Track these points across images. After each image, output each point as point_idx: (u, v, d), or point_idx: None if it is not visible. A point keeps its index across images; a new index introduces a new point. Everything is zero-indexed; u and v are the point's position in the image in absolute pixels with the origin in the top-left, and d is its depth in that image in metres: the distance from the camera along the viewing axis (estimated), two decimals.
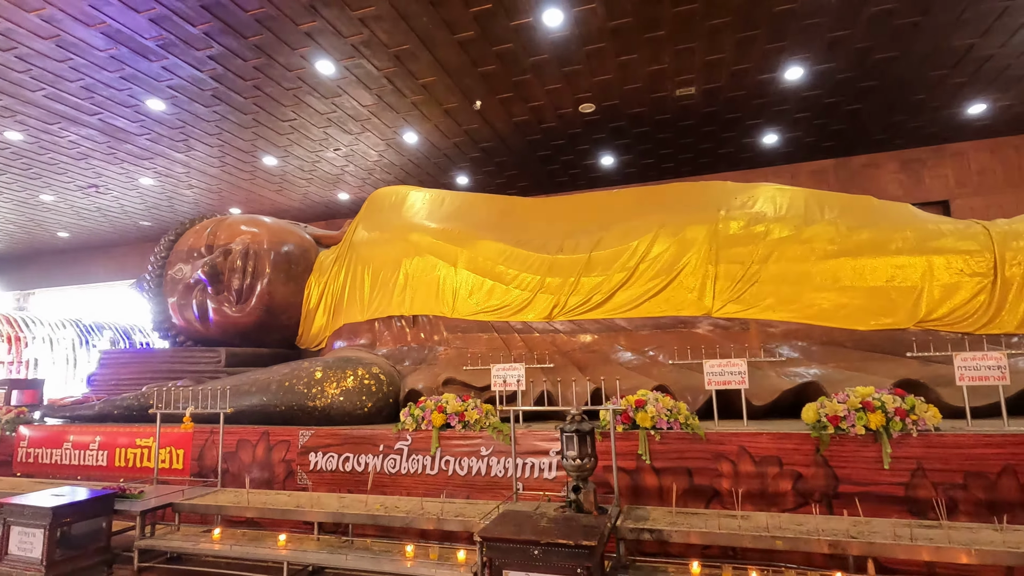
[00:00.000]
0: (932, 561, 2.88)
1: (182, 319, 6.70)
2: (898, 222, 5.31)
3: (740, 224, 5.40)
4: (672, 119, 7.76)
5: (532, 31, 5.70)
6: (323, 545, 3.19)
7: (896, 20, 5.64)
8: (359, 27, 5.52)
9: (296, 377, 5.11)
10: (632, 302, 5.40)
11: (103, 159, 8.66)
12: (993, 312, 4.68)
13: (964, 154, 8.96)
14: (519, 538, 2.25)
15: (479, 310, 5.83)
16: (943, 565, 2.94)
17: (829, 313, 4.99)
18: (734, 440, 3.69)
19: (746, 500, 3.56)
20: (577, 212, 6.61)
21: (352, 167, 9.30)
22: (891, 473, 3.38)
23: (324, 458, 4.55)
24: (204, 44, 5.73)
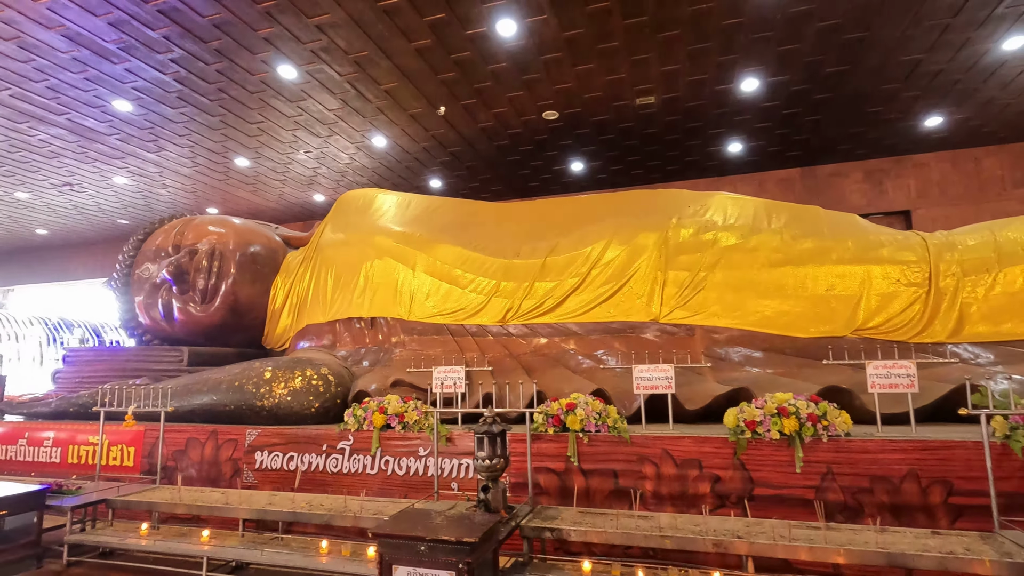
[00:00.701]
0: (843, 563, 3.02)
1: (148, 318, 6.77)
2: (841, 232, 5.45)
3: (689, 232, 5.53)
4: (636, 127, 7.89)
5: (488, 40, 5.81)
6: (245, 541, 3.28)
7: (842, 35, 5.79)
8: (317, 33, 5.62)
9: (246, 377, 5.19)
10: (583, 307, 5.52)
11: (75, 158, 8.73)
12: (926, 322, 4.82)
13: (926, 165, 9.13)
14: (407, 534, 2.35)
15: (435, 313, 5.93)
16: (850, 567, 3.06)
17: (771, 320, 5.11)
18: (658, 443, 3.81)
19: (667, 501, 3.69)
20: (539, 217, 6.73)
21: (324, 169, 9.40)
22: (803, 476, 3.50)
23: (269, 457, 4.64)
24: (164, 48, 5.82)
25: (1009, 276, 4.76)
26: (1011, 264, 4.78)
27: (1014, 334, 4.66)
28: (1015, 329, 4.67)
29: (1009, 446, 3.25)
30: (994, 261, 4.84)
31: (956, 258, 4.92)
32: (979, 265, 4.86)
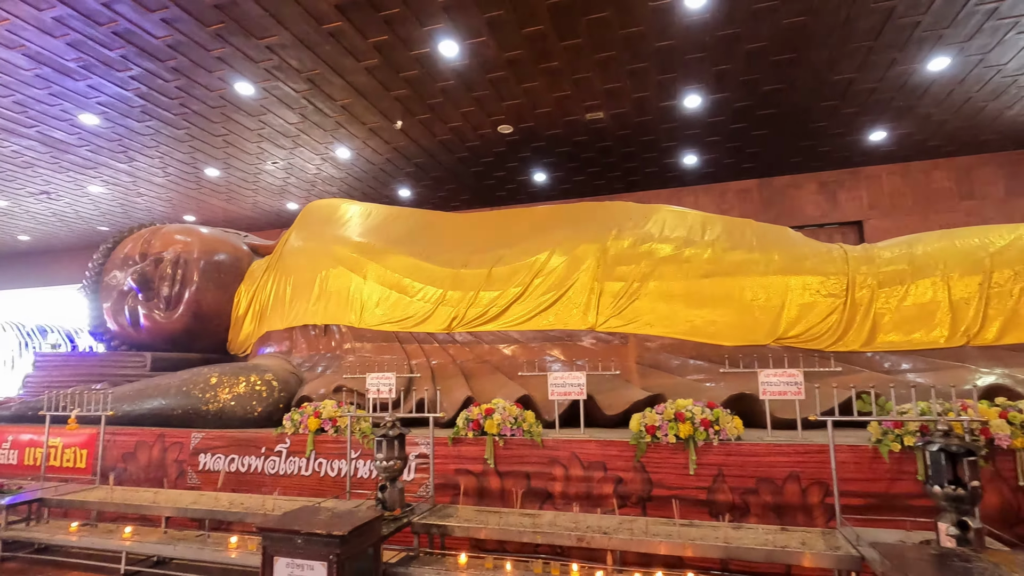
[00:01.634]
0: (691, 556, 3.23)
1: (116, 324, 6.99)
2: (770, 245, 5.68)
3: (627, 244, 5.76)
4: (590, 141, 8.15)
5: (433, 60, 6.07)
6: (165, 538, 3.51)
7: (771, 57, 6.05)
8: (268, 53, 5.88)
9: (193, 383, 5.42)
10: (525, 315, 5.74)
11: (48, 168, 8.97)
12: (842, 331, 5.05)
13: (878, 177, 9.39)
14: (285, 528, 2.58)
15: (384, 321, 6.15)
16: (700, 559, 3.27)
17: (700, 329, 5.33)
18: (567, 447, 4.04)
19: (574, 501, 3.90)
20: (492, 228, 6.97)
21: (294, 179, 9.65)
22: (696, 478, 3.74)
23: (212, 459, 4.86)
24: (123, 66, 6.07)
25: (920, 288, 4.99)
26: (923, 277, 5.00)
27: (924, 342, 4.89)
28: (924, 338, 4.90)
29: (879, 450, 3.48)
30: (908, 274, 5.06)
31: (872, 271, 5.15)
32: (893, 277, 5.08)
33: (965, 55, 6.05)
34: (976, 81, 6.59)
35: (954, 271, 4.92)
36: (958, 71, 6.36)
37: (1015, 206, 8.74)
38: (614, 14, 5.30)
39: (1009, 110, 7.34)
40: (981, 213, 8.82)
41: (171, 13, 5.18)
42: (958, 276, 4.89)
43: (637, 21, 5.41)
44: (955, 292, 4.86)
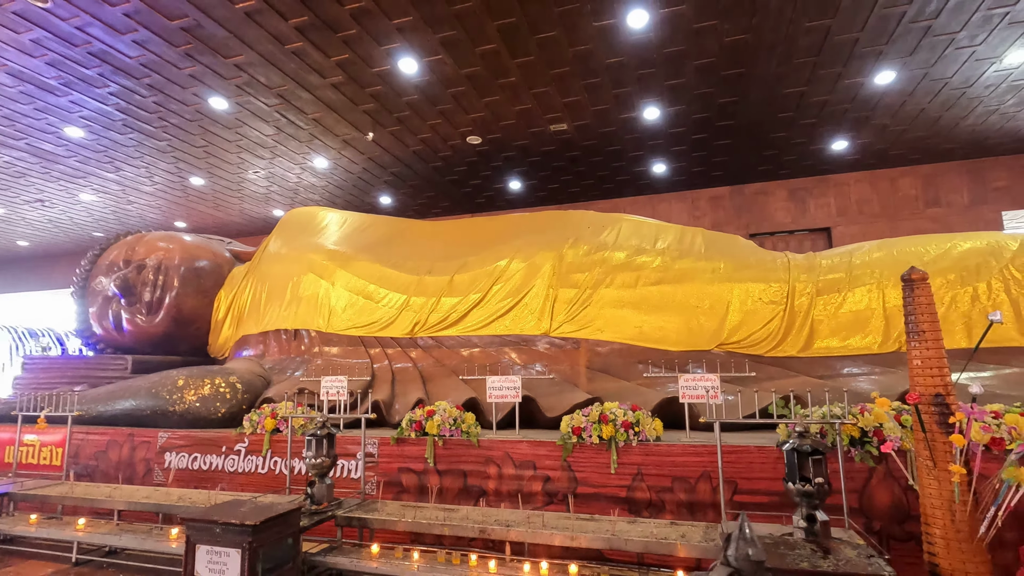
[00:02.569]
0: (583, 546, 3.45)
1: (101, 328, 7.31)
2: (718, 253, 5.89)
3: (582, 252, 6.00)
4: (558, 151, 8.40)
5: (395, 76, 6.34)
6: (116, 529, 3.78)
7: (720, 72, 6.28)
8: (236, 71, 6.17)
9: (161, 385, 5.70)
10: (484, 320, 5.98)
11: (40, 177, 9.33)
12: (781, 337, 5.26)
13: (846, 184, 9.57)
14: (205, 519, 2.84)
15: (350, 326, 6.42)
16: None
17: (647, 334, 5.56)
18: (501, 447, 4.28)
19: (506, 498, 4.15)
20: (459, 236, 7.23)
21: (276, 187, 9.95)
22: (618, 477, 3.97)
23: (177, 457, 5.14)
24: (101, 83, 6.38)
25: (856, 295, 5.19)
26: (859, 285, 5.21)
27: (858, 348, 5.09)
28: (858, 343, 5.10)
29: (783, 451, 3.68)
30: (845, 282, 5.27)
31: (811, 279, 5.35)
32: (831, 286, 5.29)
33: (909, 69, 6.24)
34: (926, 93, 6.77)
35: (889, 280, 5.11)
36: (905, 84, 6.56)
37: (979, 213, 8.89)
38: (561, 33, 5.55)
39: (964, 120, 7.52)
40: (946, 220, 8.97)
41: (141, 35, 5.48)
42: (892, 285, 5.08)
43: (584, 40, 5.65)
44: (889, 300, 5.05)
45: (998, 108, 7.17)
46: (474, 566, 2.96)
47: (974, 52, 5.90)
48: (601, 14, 5.26)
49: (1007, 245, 5.06)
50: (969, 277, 4.95)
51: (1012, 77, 6.40)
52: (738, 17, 5.31)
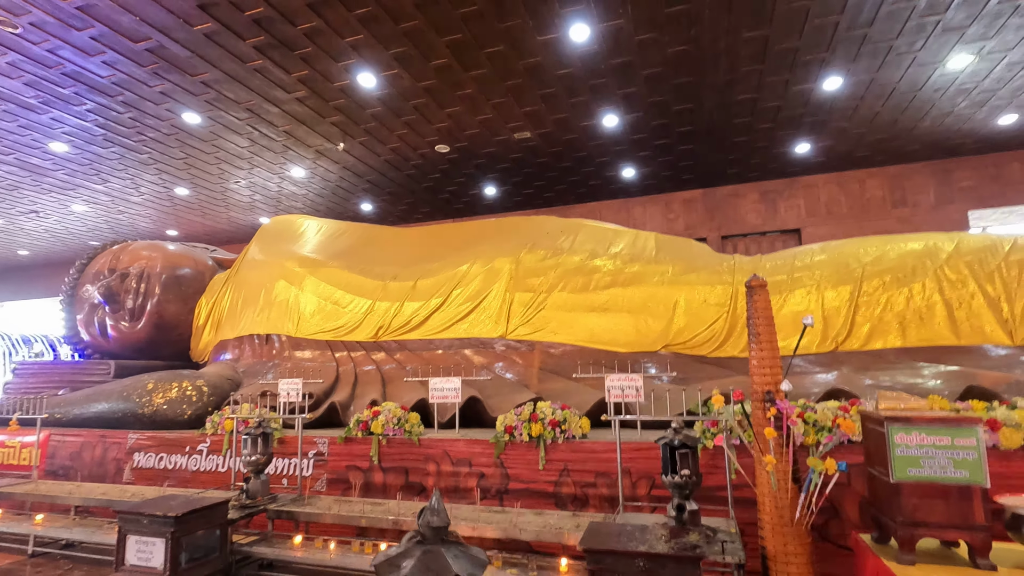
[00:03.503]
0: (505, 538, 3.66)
1: (88, 334, 7.64)
2: (669, 257, 6.07)
3: (538, 257, 6.21)
4: (526, 158, 8.61)
5: (356, 90, 6.60)
6: (71, 523, 4.05)
7: (671, 81, 6.46)
8: (204, 88, 6.46)
9: (132, 388, 5.99)
10: (444, 324, 6.21)
11: (32, 190, 9.69)
12: (724, 338, 5.43)
13: (815, 186, 9.70)
14: (134, 511, 3.09)
15: (318, 330, 6.68)
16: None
17: (597, 336, 5.76)
18: (440, 445, 4.51)
19: (445, 494, 4.37)
20: (426, 242, 7.48)
21: (259, 196, 10.26)
22: (546, 473, 4.18)
23: (145, 457, 5.42)
24: (78, 101, 6.70)
25: (796, 297, 5.36)
26: (799, 287, 5.37)
27: (805, 348, 5.22)
28: (806, 344, 5.22)
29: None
30: (787, 284, 5.44)
31: None
32: (773, 288, 5.44)
33: (855, 75, 6.40)
34: (877, 97, 6.92)
35: (828, 281, 5.28)
36: (854, 89, 6.71)
37: (945, 213, 8.99)
38: (508, 48, 5.77)
39: (921, 122, 7.64)
40: (912, 220, 9.08)
41: (109, 56, 5.77)
42: (831, 286, 5.25)
43: (532, 53, 5.87)
44: (827, 301, 5.22)
45: (952, 111, 7.29)
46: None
47: (915, 58, 6.05)
48: (543, 29, 5.48)
49: (943, 247, 5.21)
50: (905, 278, 5.09)
51: (959, 81, 6.53)
52: (676, 30, 5.50)
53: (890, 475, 1.98)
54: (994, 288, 4.84)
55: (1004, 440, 3.36)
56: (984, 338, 4.76)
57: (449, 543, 1.80)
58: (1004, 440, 3.36)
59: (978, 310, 4.80)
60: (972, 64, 6.16)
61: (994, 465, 3.39)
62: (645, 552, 2.22)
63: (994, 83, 6.58)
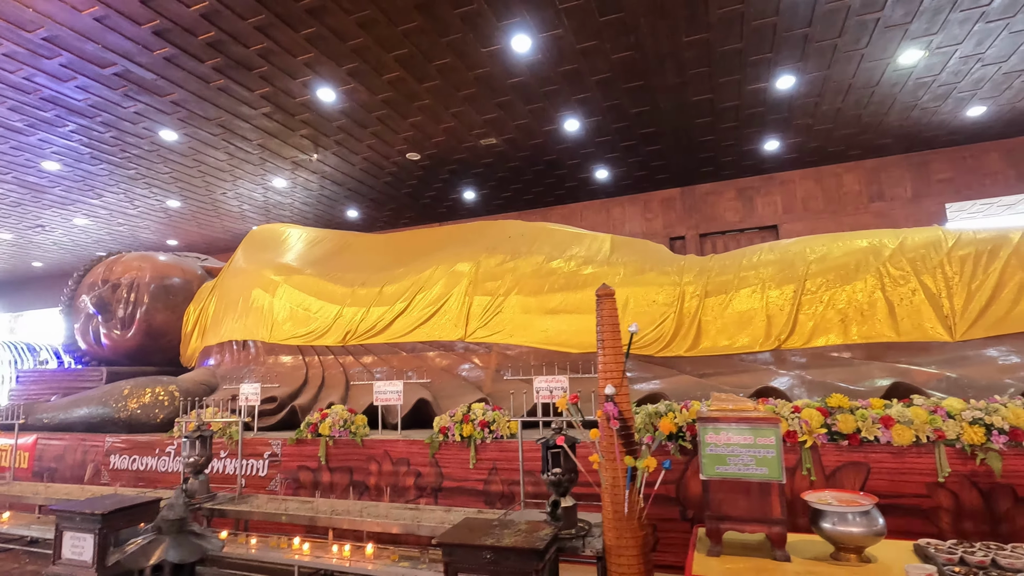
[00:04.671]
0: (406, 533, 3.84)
1: (84, 342, 8.07)
2: (623, 258, 6.19)
3: (496, 261, 6.39)
4: (496, 162, 8.78)
5: (319, 105, 6.85)
6: (34, 521, 4.38)
7: (622, 85, 6.57)
8: (174, 107, 6.78)
9: (110, 394, 6.35)
10: (407, 328, 6.44)
11: (33, 206, 10.21)
12: (670, 338, 5.55)
13: (792, 182, 9.67)
14: (68, 510, 3.37)
15: (290, 336, 6.96)
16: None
17: (551, 338, 5.92)
18: (381, 446, 4.73)
19: (385, 492, 4.59)
20: (398, 247, 7.72)
21: (247, 206, 10.62)
22: (476, 471, 4.37)
23: (119, 459, 5.76)
24: (61, 123, 7.09)
25: (741, 296, 5.45)
26: (745, 286, 5.46)
27: (740, 347, 5.33)
28: (739, 343, 5.34)
29: None
30: (733, 283, 5.53)
31: (702, 281, 5.62)
32: (720, 288, 5.55)
33: (807, 74, 6.42)
34: (835, 93, 6.92)
35: (772, 280, 5.36)
36: (810, 87, 6.73)
37: (922, 206, 8.90)
38: (456, 60, 5.95)
39: (886, 116, 7.60)
40: (889, 214, 9.00)
41: (80, 81, 6.12)
42: (775, 285, 5.33)
43: (479, 64, 6.04)
44: (771, 299, 5.30)
45: (916, 104, 7.24)
46: (295, 548, 3.40)
47: (863, 55, 6.05)
48: (486, 41, 5.64)
49: (888, 244, 5.24)
50: (848, 276, 5.15)
51: (915, 75, 6.51)
52: (615, 37, 5.62)
53: (700, 472, 2.11)
54: (935, 284, 4.86)
55: (896, 437, 3.45)
56: (924, 334, 4.79)
57: (187, 533, 2.06)
58: (896, 437, 3.45)
59: (919, 306, 4.83)
60: (923, 59, 6.14)
61: (887, 461, 3.51)
62: (491, 545, 2.39)
63: (952, 76, 6.54)
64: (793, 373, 4.95)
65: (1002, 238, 4.90)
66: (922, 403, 3.55)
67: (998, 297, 4.67)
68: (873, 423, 3.52)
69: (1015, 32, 5.69)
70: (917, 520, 3.34)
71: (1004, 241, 4.87)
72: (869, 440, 3.51)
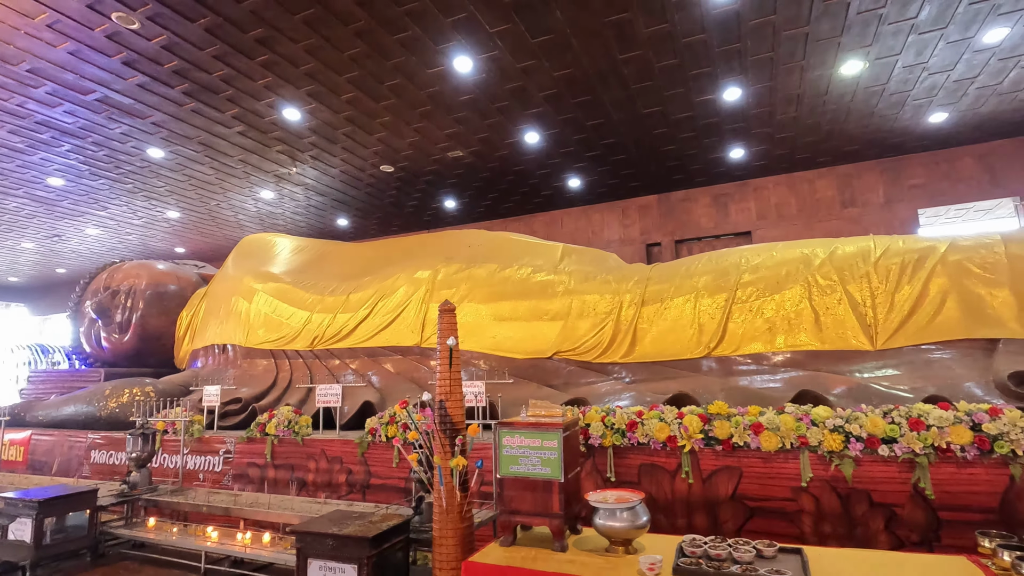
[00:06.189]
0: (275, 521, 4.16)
1: (88, 346, 8.71)
2: (571, 266, 6.42)
3: (453, 269, 6.72)
4: (467, 174, 9.09)
5: (287, 123, 7.28)
6: None
7: (571, 99, 6.80)
8: (156, 127, 7.30)
9: (93, 394, 6.89)
10: (369, 333, 6.81)
11: (47, 217, 10.97)
12: (607, 344, 5.78)
13: (766, 188, 9.70)
14: (10, 499, 3.81)
15: (263, 340, 7.41)
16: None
17: (500, 344, 6.21)
18: (319, 445, 5.09)
19: (321, 488, 4.95)
20: (369, 256, 8.12)
21: (242, 216, 11.19)
22: (399, 470, 4.68)
23: (99, 454, 6.27)
24: (57, 144, 7.70)
25: (675, 304, 5.63)
26: (680, 295, 5.64)
27: (671, 354, 5.51)
28: (670, 349, 5.51)
29: None
30: (669, 293, 5.72)
31: (640, 290, 5.83)
32: (656, 296, 5.75)
33: (751, 85, 6.54)
34: (786, 103, 7.00)
35: (706, 289, 5.53)
36: (759, 98, 6.83)
37: (894, 211, 8.84)
38: (405, 80, 6.29)
39: (845, 124, 7.63)
40: (862, 219, 8.97)
41: (67, 107, 6.68)
42: (708, 294, 5.50)
43: (429, 84, 6.37)
44: (703, 308, 5.47)
45: (873, 111, 7.26)
46: (208, 535, 3.77)
47: (802, 67, 6.15)
48: (429, 63, 5.96)
49: (819, 254, 5.36)
50: (777, 285, 5.29)
51: (862, 84, 6.56)
52: (552, 56, 5.87)
53: (496, 471, 2.36)
54: (861, 294, 4.96)
55: (764, 443, 3.62)
56: (846, 343, 4.89)
57: None
58: (764, 443, 3.62)
59: (842, 316, 4.94)
60: (865, 69, 6.20)
61: (757, 466, 3.69)
62: (333, 534, 2.69)
63: (901, 85, 6.57)
64: (719, 380, 5.11)
65: (929, 248, 4.97)
66: (792, 411, 3.70)
67: (920, 307, 4.74)
68: (745, 429, 3.70)
69: (952, 42, 5.73)
70: (782, 522, 3.52)
71: (931, 251, 4.94)
72: (741, 445, 3.69)
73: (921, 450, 3.24)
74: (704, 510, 3.69)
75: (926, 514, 3.19)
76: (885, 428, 3.37)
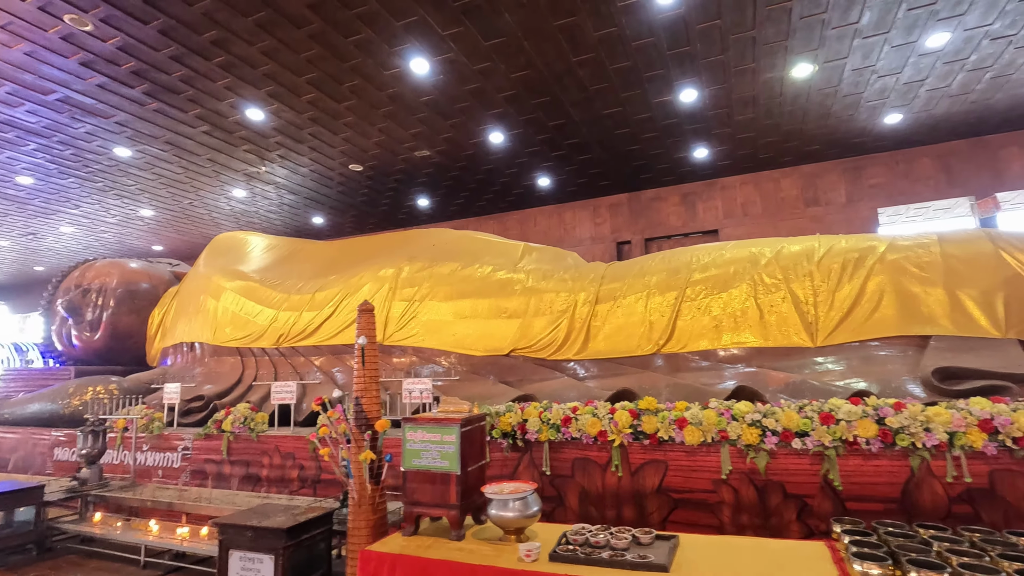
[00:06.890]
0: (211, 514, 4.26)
1: (60, 344, 8.73)
2: (531, 266, 6.52)
3: (416, 268, 6.80)
4: (436, 173, 9.18)
5: (250, 123, 7.34)
6: None
7: (530, 101, 6.90)
8: (120, 127, 7.34)
9: (57, 392, 6.94)
10: (333, 332, 6.88)
11: (19, 216, 10.96)
12: (561, 342, 5.89)
13: (733, 187, 9.85)
14: None
15: (230, 338, 7.47)
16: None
17: (459, 341, 6.30)
18: (272, 441, 5.18)
19: (275, 484, 5.04)
20: (337, 255, 8.19)
21: (217, 214, 11.22)
22: None
23: (62, 451, 6.33)
24: (22, 143, 7.71)
25: (627, 302, 5.75)
26: (632, 293, 5.75)
27: (622, 351, 5.62)
28: (622, 346, 5.62)
29: None
30: (620, 290, 5.84)
31: (594, 288, 5.94)
32: (609, 294, 5.87)
33: (705, 87, 6.66)
34: (743, 104, 7.13)
35: (657, 288, 5.65)
36: (715, 99, 6.96)
37: (855, 210, 9.02)
38: (364, 82, 6.36)
39: (804, 125, 7.77)
40: (825, 218, 9.14)
41: (29, 106, 6.71)
42: (659, 292, 5.62)
43: (387, 85, 6.45)
44: (653, 306, 5.59)
45: (829, 112, 7.41)
46: (150, 528, 3.87)
47: (754, 70, 6.28)
48: (386, 65, 6.04)
49: (766, 253, 5.49)
50: (725, 284, 5.41)
51: (814, 87, 6.70)
52: (506, 59, 5.96)
53: (401, 464, 2.48)
54: (804, 292, 5.09)
55: (688, 437, 3.76)
56: (788, 340, 5.03)
57: None
58: (688, 437, 3.76)
59: (785, 314, 5.07)
60: (816, 72, 6.34)
61: (682, 459, 3.83)
62: (251, 525, 2.80)
63: (852, 87, 6.71)
64: (666, 376, 5.24)
65: (869, 248, 5.11)
66: (715, 406, 3.84)
67: (859, 305, 4.88)
68: (670, 424, 3.83)
69: (896, 46, 5.87)
70: (704, 513, 3.66)
71: (871, 251, 5.08)
72: (667, 440, 3.82)
73: (830, 443, 3.38)
74: (632, 502, 3.82)
75: (834, 504, 3.33)
76: (799, 422, 3.51)
